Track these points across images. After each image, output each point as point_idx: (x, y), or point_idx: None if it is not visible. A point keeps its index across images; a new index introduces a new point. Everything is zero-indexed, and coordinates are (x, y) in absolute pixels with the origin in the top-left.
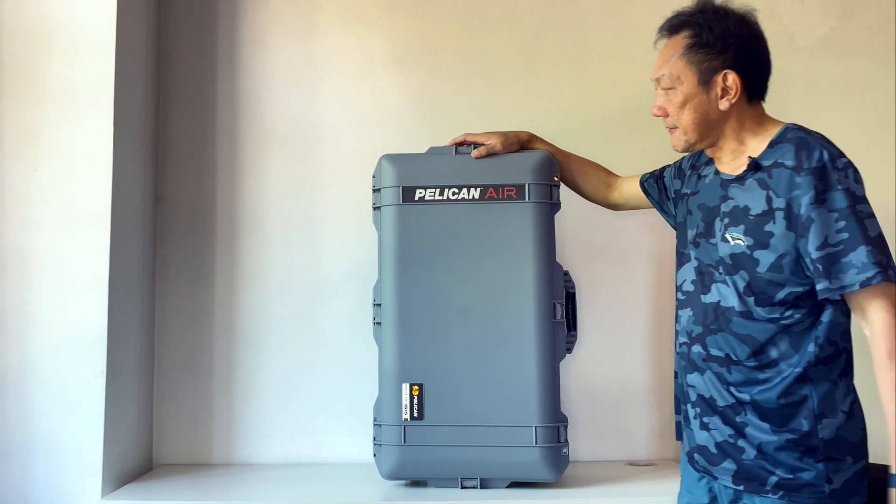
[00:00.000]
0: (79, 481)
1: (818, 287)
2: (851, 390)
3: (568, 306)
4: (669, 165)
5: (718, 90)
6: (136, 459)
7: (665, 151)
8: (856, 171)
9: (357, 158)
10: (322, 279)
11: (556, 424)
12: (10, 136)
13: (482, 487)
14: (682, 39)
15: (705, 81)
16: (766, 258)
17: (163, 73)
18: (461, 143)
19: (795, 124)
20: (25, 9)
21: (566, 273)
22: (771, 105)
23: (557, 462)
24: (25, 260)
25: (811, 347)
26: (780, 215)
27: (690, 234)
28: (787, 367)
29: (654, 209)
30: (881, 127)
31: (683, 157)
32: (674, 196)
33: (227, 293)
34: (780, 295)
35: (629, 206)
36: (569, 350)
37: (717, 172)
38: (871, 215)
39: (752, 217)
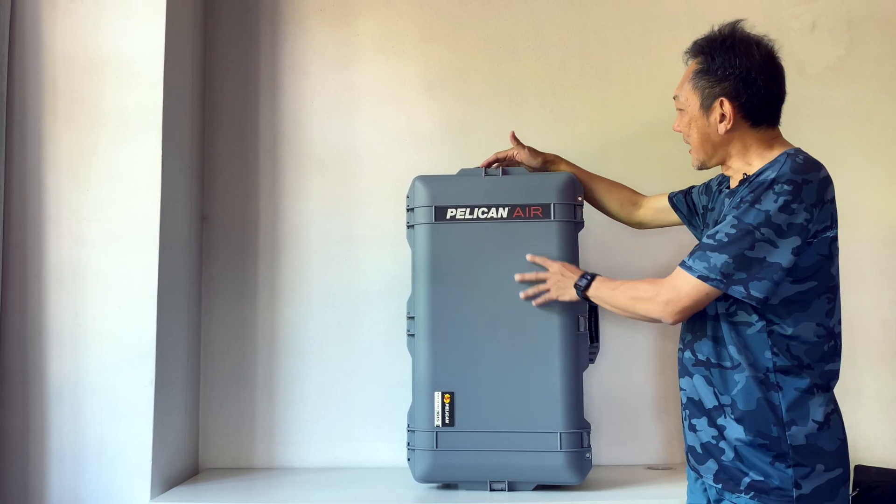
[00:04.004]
0: (129, 484)
1: (684, 260)
2: (828, 402)
3: (590, 319)
4: (697, 185)
5: (717, 115)
6: (183, 463)
7: (680, 174)
8: (792, 199)
9: (392, 180)
10: (359, 294)
11: (579, 430)
12: (65, 159)
13: (510, 490)
14: (694, 65)
15: (706, 107)
16: None
17: (208, 99)
18: (492, 163)
19: (794, 149)
20: (80, 40)
21: None
22: (782, 129)
23: (581, 466)
24: (79, 275)
25: (768, 354)
26: None
27: None
28: (749, 369)
29: (676, 227)
30: (887, 150)
31: (713, 177)
32: (702, 212)
33: (270, 307)
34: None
35: (654, 224)
36: (591, 360)
37: (728, 188)
38: (769, 241)
39: None
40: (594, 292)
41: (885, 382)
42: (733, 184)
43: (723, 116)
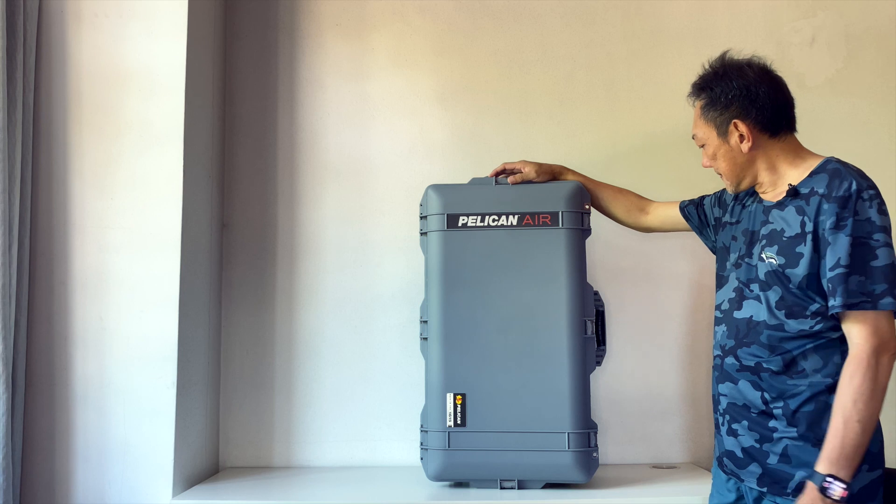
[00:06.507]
0: (152, 482)
1: (829, 304)
2: None
3: (597, 323)
4: (709, 195)
5: (736, 137)
6: (203, 463)
7: (684, 182)
8: (881, 202)
9: (405, 188)
10: (374, 299)
11: (586, 431)
12: (90, 168)
13: (519, 488)
14: (699, 103)
15: (723, 133)
16: (796, 276)
17: (228, 110)
18: (500, 172)
19: (836, 157)
20: (104, 53)
21: (596, 293)
22: None
23: (588, 465)
24: (103, 281)
25: (837, 358)
26: (809, 238)
27: (733, 257)
28: (816, 375)
29: (681, 233)
30: (884, 161)
31: (725, 189)
32: (714, 223)
33: (288, 312)
34: (811, 308)
35: (662, 230)
36: (598, 363)
37: (760, 201)
38: (887, 244)
39: (785, 239)
40: (848, 465)
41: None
42: (774, 196)
43: (741, 137)
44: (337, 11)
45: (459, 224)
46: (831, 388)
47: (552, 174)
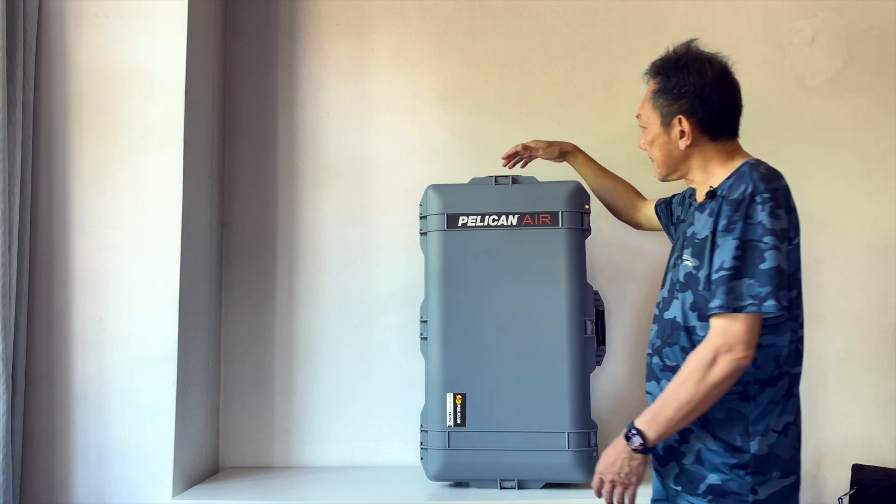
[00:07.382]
0: (152, 482)
1: (710, 305)
2: (789, 411)
3: (597, 323)
4: (678, 193)
5: (677, 132)
6: (203, 463)
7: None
8: (775, 205)
9: (405, 189)
10: (374, 298)
11: (586, 430)
12: (90, 168)
13: (519, 488)
14: (653, 85)
15: (666, 124)
16: (703, 277)
17: (228, 110)
18: (513, 155)
19: (754, 160)
20: (104, 53)
21: (596, 292)
22: (782, 141)
23: (588, 465)
24: (103, 281)
25: (749, 367)
26: (711, 239)
27: (673, 256)
28: None
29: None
30: (883, 160)
31: (688, 187)
32: (675, 222)
33: (288, 312)
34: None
35: (647, 228)
36: (598, 363)
37: (696, 201)
38: (776, 248)
39: (697, 241)
40: (655, 430)
41: (882, 384)
42: (699, 197)
43: (682, 133)
44: (337, 11)
45: (459, 224)
46: (743, 396)
47: (561, 152)
